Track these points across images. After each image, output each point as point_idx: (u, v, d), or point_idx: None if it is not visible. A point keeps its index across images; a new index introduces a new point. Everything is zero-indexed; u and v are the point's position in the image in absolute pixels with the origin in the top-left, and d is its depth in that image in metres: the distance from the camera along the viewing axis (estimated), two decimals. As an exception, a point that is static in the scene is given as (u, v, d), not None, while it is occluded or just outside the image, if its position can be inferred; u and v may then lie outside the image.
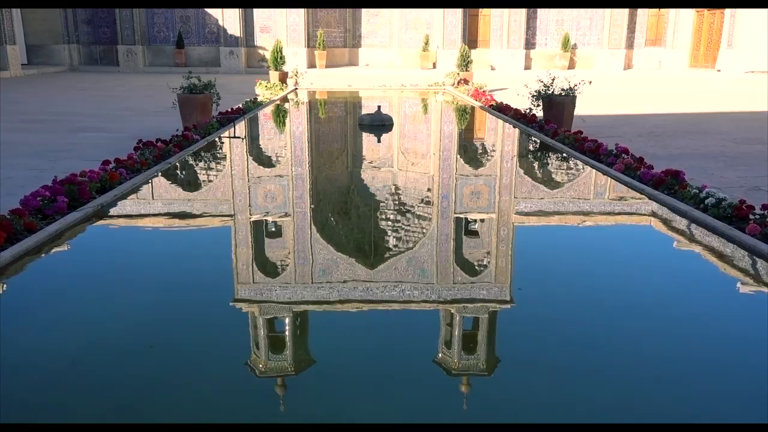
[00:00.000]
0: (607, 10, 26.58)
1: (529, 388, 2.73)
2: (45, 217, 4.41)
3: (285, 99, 15.42)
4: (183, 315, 3.49)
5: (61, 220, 4.39)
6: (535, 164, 8.10)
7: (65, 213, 4.54)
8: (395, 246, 4.79)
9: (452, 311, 3.64)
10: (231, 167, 7.74)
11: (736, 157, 7.69)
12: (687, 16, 26.32)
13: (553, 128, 8.59)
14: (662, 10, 27.28)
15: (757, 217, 4.35)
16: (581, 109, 10.03)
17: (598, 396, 2.67)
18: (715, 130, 10.17)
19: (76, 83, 19.77)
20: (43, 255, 4.09)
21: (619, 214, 5.69)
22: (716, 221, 4.50)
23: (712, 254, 4.39)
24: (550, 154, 8.10)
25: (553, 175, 7.36)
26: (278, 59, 17.85)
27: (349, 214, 5.98)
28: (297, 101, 15.69)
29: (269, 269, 4.35)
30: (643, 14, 27.59)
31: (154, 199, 5.94)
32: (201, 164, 7.60)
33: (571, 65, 27.17)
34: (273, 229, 5.25)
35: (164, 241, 4.93)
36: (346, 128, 11.95)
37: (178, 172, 6.85)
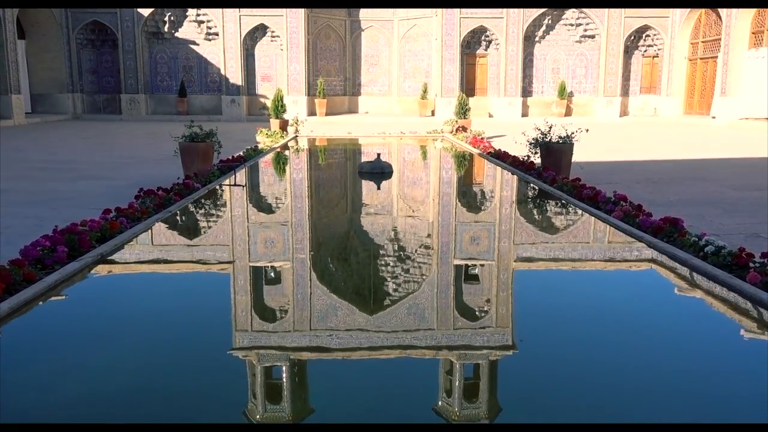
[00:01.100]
0: (602, 60, 27.14)
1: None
2: (44, 267, 4.40)
3: (285, 146, 15.59)
4: (180, 363, 3.46)
5: (60, 270, 4.38)
6: (535, 211, 8.14)
7: (65, 263, 4.53)
8: (395, 292, 4.78)
9: (452, 358, 3.61)
10: (231, 214, 7.77)
11: (734, 204, 7.72)
12: (680, 64, 26.84)
13: (551, 175, 8.65)
14: (655, 59, 27.84)
15: (757, 265, 4.34)
16: (579, 155, 10.13)
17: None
18: (712, 177, 10.25)
19: (78, 131, 20.01)
20: (40, 305, 4.07)
21: (619, 261, 5.68)
22: (716, 269, 4.49)
23: (713, 303, 4.37)
24: (549, 200, 8.15)
25: (553, 222, 7.38)
26: (279, 107, 18.12)
27: (349, 261, 5.98)
28: (297, 148, 15.86)
29: (268, 316, 4.32)
30: (637, 62, 28.17)
31: (154, 248, 5.94)
32: (201, 212, 7.63)
33: (568, 112, 27.58)
34: (272, 276, 5.24)
35: (163, 289, 4.92)
36: (346, 175, 12.04)
37: (179, 220, 6.87)
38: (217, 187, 8.80)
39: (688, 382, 3.28)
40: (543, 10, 26.56)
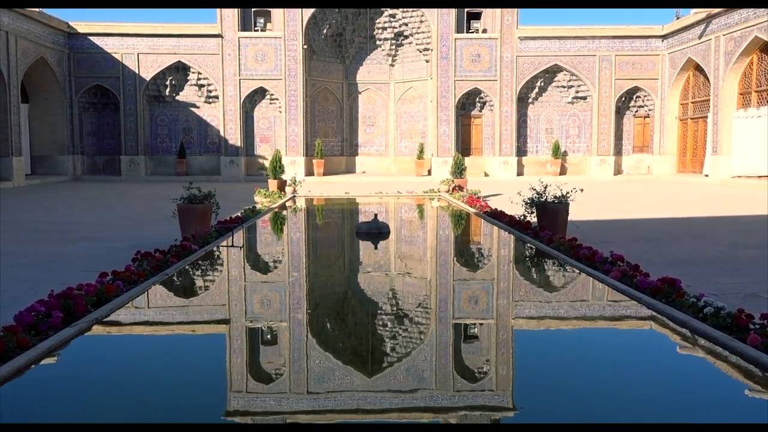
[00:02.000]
0: (594, 120, 27.71)
1: None
2: (39, 333, 4.35)
3: (283, 207, 15.68)
4: (175, 424, 3.37)
5: (54, 337, 4.33)
6: (532, 270, 8.13)
7: (59, 328, 4.49)
8: (393, 352, 4.72)
9: (453, 420, 3.54)
10: (228, 275, 7.75)
11: (731, 263, 7.74)
12: (671, 124, 27.39)
13: (547, 235, 8.69)
14: (646, 119, 28.44)
15: (757, 326, 4.32)
16: (575, 214, 10.20)
17: None
18: (708, 235, 10.30)
19: (78, 193, 20.15)
20: (33, 372, 4.01)
21: (618, 321, 5.65)
22: (716, 331, 4.46)
23: (714, 365, 4.32)
24: (546, 260, 8.15)
25: (551, 282, 7.37)
26: (277, 168, 18.32)
27: (346, 321, 5.93)
28: (295, 208, 15.95)
29: (264, 378, 4.25)
30: (629, 122, 28.76)
31: (150, 310, 5.90)
32: (198, 274, 7.60)
33: (563, 171, 27.93)
34: (268, 337, 5.19)
35: (157, 352, 4.85)
36: (344, 235, 12.07)
37: (175, 282, 6.84)
38: (215, 248, 8.81)
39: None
40: (534, 73, 27.30)
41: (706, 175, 24.13)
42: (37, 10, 23.20)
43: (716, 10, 22.90)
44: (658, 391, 3.96)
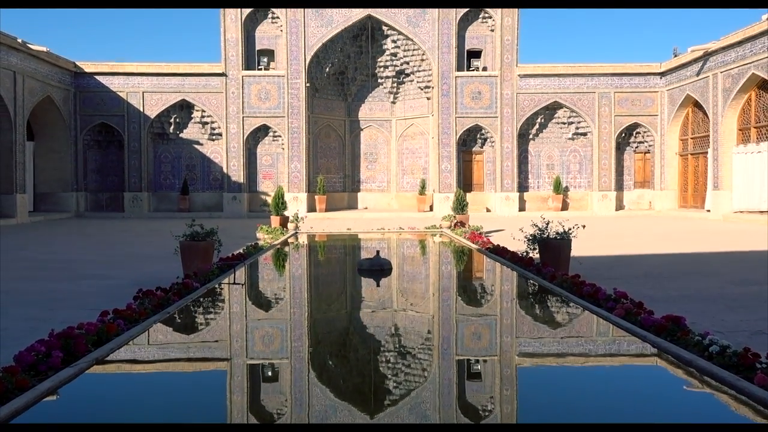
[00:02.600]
0: (595, 156, 27.84)
1: None
2: (38, 373, 4.32)
3: (285, 243, 15.67)
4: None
5: (53, 377, 4.29)
6: (535, 307, 8.08)
7: (59, 368, 4.45)
8: (396, 389, 4.67)
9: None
10: (229, 313, 7.71)
11: (736, 299, 7.69)
12: (672, 160, 27.53)
13: (550, 271, 8.66)
14: (647, 154, 28.60)
15: (764, 366, 4.27)
16: (577, 250, 10.19)
17: None
18: (711, 272, 10.25)
19: (80, 229, 20.19)
20: (32, 412, 3.96)
21: (622, 359, 5.59)
22: (723, 371, 4.40)
23: (721, 404, 4.26)
24: (549, 297, 8.11)
25: (554, 319, 7.31)
26: (279, 204, 18.39)
27: (348, 358, 5.87)
28: (297, 245, 15.95)
29: (265, 416, 4.19)
30: (630, 158, 28.91)
31: (150, 349, 5.85)
32: (200, 311, 7.57)
33: (565, 207, 27.98)
34: (269, 374, 5.14)
35: (158, 390, 4.81)
36: (345, 272, 12.03)
37: (177, 320, 6.81)
38: (217, 285, 8.78)
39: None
40: (535, 110, 27.59)
41: (708, 211, 24.15)
42: (45, 49, 23.60)
43: (713, 48, 23.24)
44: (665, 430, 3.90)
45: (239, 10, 26.96)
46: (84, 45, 60.34)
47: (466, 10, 27.23)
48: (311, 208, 27.35)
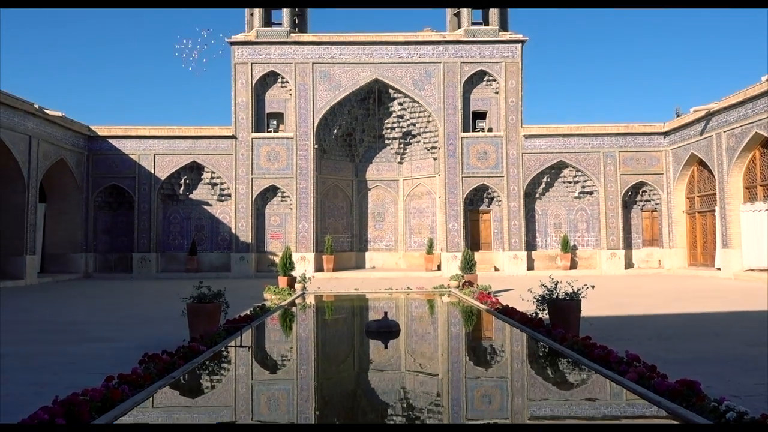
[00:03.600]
0: (602, 215, 27.87)
1: None
2: (41, 441, 4.26)
3: (293, 304, 15.59)
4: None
5: (56, 445, 4.23)
6: (546, 369, 7.94)
7: (62, 436, 4.39)
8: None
9: None
10: (235, 376, 7.61)
11: (750, 361, 7.54)
12: (679, 218, 27.50)
13: (560, 333, 8.55)
14: (654, 213, 28.60)
15: (783, 432, 4.15)
16: (587, 310, 10.08)
17: None
18: (724, 332, 10.09)
19: (88, 291, 20.19)
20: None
21: (636, 421, 5.45)
22: (741, 437, 4.28)
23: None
24: (560, 359, 7.97)
25: (565, 382, 7.17)
26: (287, 265, 18.39)
27: (356, 421, 5.75)
28: (304, 306, 15.85)
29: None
30: (637, 216, 28.91)
31: (154, 413, 5.76)
32: (206, 375, 7.47)
33: (573, 265, 27.83)
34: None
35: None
36: (353, 334, 11.91)
37: (182, 385, 6.72)
38: (223, 348, 8.70)
39: None
40: (540, 169, 27.83)
41: (719, 269, 23.94)
42: (60, 114, 24.22)
43: (715, 108, 23.58)
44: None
45: (249, 75, 27.72)
46: (98, 109, 61.97)
47: (470, 74, 27.88)
48: (319, 268, 27.32)
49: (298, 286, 18.34)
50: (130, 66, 63.77)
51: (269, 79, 28.26)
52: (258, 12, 28.45)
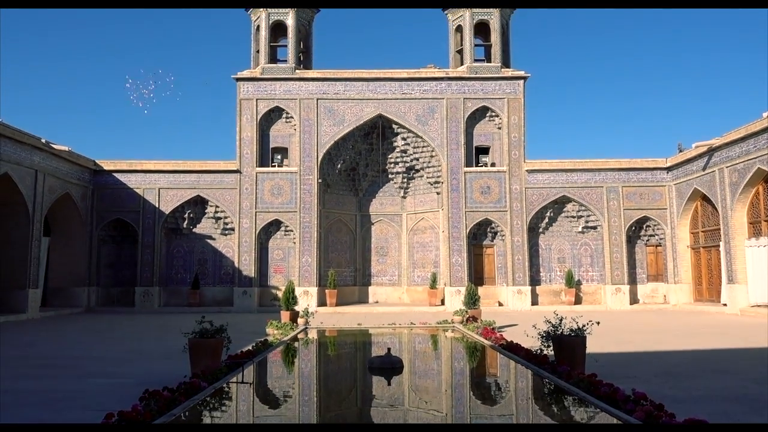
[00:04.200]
0: (606, 249, 27.77)
1: None
2: (39, 480, 4.19)
3: (295, 339, 15.47)
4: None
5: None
6: (552, 407, 7.82)
7: (60, 475, 4.32)
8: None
9: None
10: (236, 413, 7.52)
11: (759, 400, 7.43)
12: (684, 253, 27.39)
13: (565, 370, 8.44)
14: (658, 248, 28.52)
15: (794, 474, 4.07)
16: (593, 346, 9.98)
17: None
18: (732, 369, 9.96)
19: (90, 325, 20.09)
20: None
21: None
22: (751, 479, 4.19)
23: None
24: (566, 397, 7.86)
25: (571, 421, 7.05)
26: (290, 299, 18.31)
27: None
28: (307, 341, 15.73)
29: None
30: (642, 251, 28.80)
31: (155, 454, 5.68)
32: (206, 412, 7.38)
33: (578, 300, 27.66)
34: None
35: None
36: (356, 370, 11.80)
37: (183, 422, 6.64)
38: (225, 385, 8.61)
39: None
40: (544, 204, 27.87)
41: (725, 305, 23.74)
42: (66, 149, 24.45)
43: (717, 143, 23.69)
44: None
45: (255, 110, 28.05)
46: (104, 144, 62.61)
47: (473, 109, 28.16)
48: (322, 302, 27.18)
49: (300, 320, 18.22)
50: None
51: (274, 114, 28.57)
52: (264, 49, 28.92)
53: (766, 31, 57.08)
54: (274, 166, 28.39)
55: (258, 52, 29.37)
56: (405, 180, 30.40)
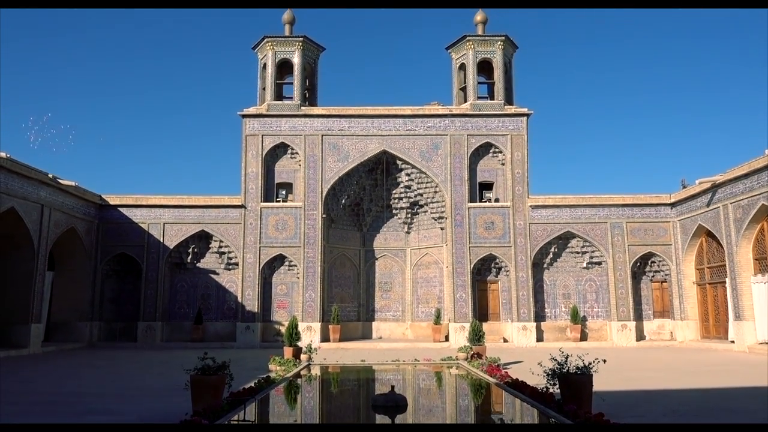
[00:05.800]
0: (611, 285, 27.61)
1: None
2: None
3: (298, 375, 15.32)
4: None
5: None
6: (558, 449, 7.68)
7: None
8: None
9: None
10: (238, 454, 7.40)
11: (770, 441, 7.28)
12: (690, 289, 27.20)
13: (572, 409, 8.32)
14: (664, 284, 28.33)
15: None
16: (600, 384, 9.84)
17: None
18: (741, 409, 9.80)
19: (92, 360, 19.95)
20: None
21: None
22: None
23: None
24: (573, 437, 7.72)
25: (579, 463, 6.92)
26: (293, 335, 18.20)
27: None
28: (310, 377, 15.57)
29: None
30: (647, 287, 28.63)
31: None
32: (207, 451, 7.27)
33: (583, 337, 27.40)
34: None
35: None
36: (359, 408, 11.65)
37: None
38: (226, 423, 8.50)
39: None
40: (548, 239, 27.82)
41: (732, 342, 23.46)
42: (73, 184, 24.63)
43: (721, 179, 23.74)
44: None
45: (260, 146, 28.31)
46: (110, 178, 63.07)
47: (477, 146, 28.37)
48: (325, 338, 26.96)
49: (303, 356, 18.07)
50: (143, 139, 65.40)
51: (279, 150, 28.82)
52: (270, 86, 29.32)
53: None
54: (279, 201, 28.52)
55: (264, 89, 29.78)
56: (409, 215, 30.46)
